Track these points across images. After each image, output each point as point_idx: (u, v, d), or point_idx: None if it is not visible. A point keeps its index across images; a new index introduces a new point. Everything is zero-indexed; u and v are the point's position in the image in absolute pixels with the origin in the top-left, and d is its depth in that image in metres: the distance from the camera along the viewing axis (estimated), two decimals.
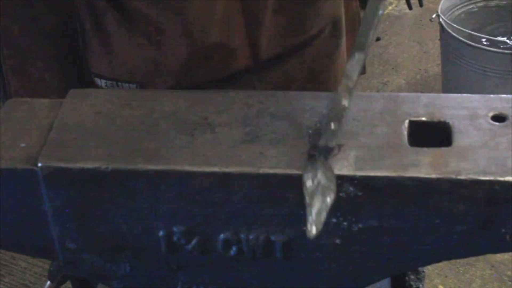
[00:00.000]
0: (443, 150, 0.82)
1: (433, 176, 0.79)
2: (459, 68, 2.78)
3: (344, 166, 0.80)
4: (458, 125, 0.85)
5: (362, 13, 1.37)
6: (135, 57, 1.10)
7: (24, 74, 1.14)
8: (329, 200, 0.78)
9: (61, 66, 1.13)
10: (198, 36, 1.08)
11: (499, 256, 2.38)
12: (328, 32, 1.20)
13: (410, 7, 3.08)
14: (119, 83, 1.11)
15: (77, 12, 1.10)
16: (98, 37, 1.11)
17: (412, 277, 1.08)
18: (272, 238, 0.84)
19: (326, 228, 0.82)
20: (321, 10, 1.18)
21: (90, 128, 0.88)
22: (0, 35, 1.11)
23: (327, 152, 0.81)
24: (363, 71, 1.44)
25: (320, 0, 1.17)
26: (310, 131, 0.85)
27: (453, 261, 2.35)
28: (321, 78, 1.20)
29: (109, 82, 1.12)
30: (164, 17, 1.07)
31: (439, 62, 3.13)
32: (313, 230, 0.77)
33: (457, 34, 2.74)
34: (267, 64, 1.17)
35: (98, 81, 1.12)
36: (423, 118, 0.87)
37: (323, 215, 0.78)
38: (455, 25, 2.75)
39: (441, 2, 2.87)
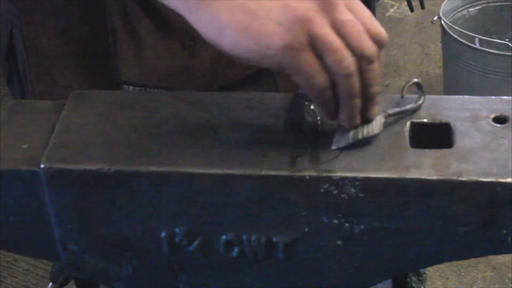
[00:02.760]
0: (445, 151, 0.82)
1: (435, 177, 0.79)
2: (460, 70, 2.79)
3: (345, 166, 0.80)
4: (460, 126, 0.85)
5: None
6: (168, 63, 1.10)
7: (51, 81, 1.13)
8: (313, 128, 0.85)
9: (89, 74, 1.12)
10: None
11: (501, 258, 2.38)
12: None
13: (411, 9, 3.09)
14: (147, 89, 1.11)
15: (110, 19, 1.09)
16: (131, 43, 1.10)
17: (413, 278, 1.08)
18: (274, 239, 0.84)
19: (328, 230, 0.82)
20: None
21: (92, 129, 0.88)
22: (25, 43, 1.11)
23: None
24: None
25: None
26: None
27: (454, 263, 2.35)
28: None
29: (137, 88, 1.12)
30: None
31: (440, 64, 3.13)
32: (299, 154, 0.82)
33: (459, 36, 2.74)
34: None
35: (126, 87, 1.12)
36: (425, 120, 0.87)
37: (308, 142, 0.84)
38: (456, 27, 2.76)
39: (443, 4, 2.88)
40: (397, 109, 0.87)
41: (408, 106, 0.87)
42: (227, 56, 1.10)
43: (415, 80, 0.89)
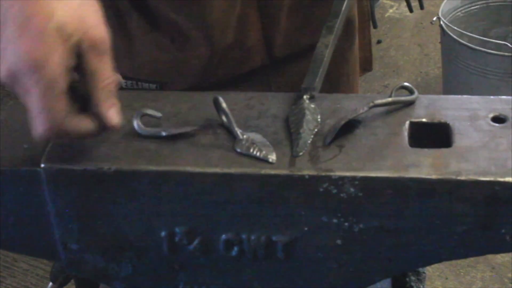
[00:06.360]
0: (444, 151, 0.82)
1: (434, 176, 0.79)
2: (459, 70, 2.79)
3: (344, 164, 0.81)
4: (458, 126, 0.85)
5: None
6: (158, 58, 1.11)
7: None
8: (313, 127, 0.85)
9: None
10: (218, 37, 1.10)
11: (500, 258, 2.39)
12: (342, 31, 1.21)
13: (411, 10, 3.09)
14: (139, 83, 1.12)
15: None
16: (121, 37, 1.11)
17: (413, 278, 1.08)
18: (274, 238, 0.84)
19: (327, 229, 0.83)
20: None
21: None
22: None
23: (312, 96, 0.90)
24: (369, 68, 1.46)
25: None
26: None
27: (453, 263, 2.36)
28: (334, 76, 1.21)
29: (129, 82, 1.12)
30: (187, 21, 1.08)
31: (439, 64, 3.13)
32: (298, 153, 0.83)
33: (458, 36, 2.74)
34: (282, 62, 1.18)
35: None
36: (424, 119, 0.87)
37: (308, 141, 0.84)
38: (455, 28, 2.76)
39: (442, 5, 2.88)
40: (384, 100, 0.87)
41: (402, 98, 0.88)
42: (220, 54, 1.11)
43: (405, 84, 0.90)
